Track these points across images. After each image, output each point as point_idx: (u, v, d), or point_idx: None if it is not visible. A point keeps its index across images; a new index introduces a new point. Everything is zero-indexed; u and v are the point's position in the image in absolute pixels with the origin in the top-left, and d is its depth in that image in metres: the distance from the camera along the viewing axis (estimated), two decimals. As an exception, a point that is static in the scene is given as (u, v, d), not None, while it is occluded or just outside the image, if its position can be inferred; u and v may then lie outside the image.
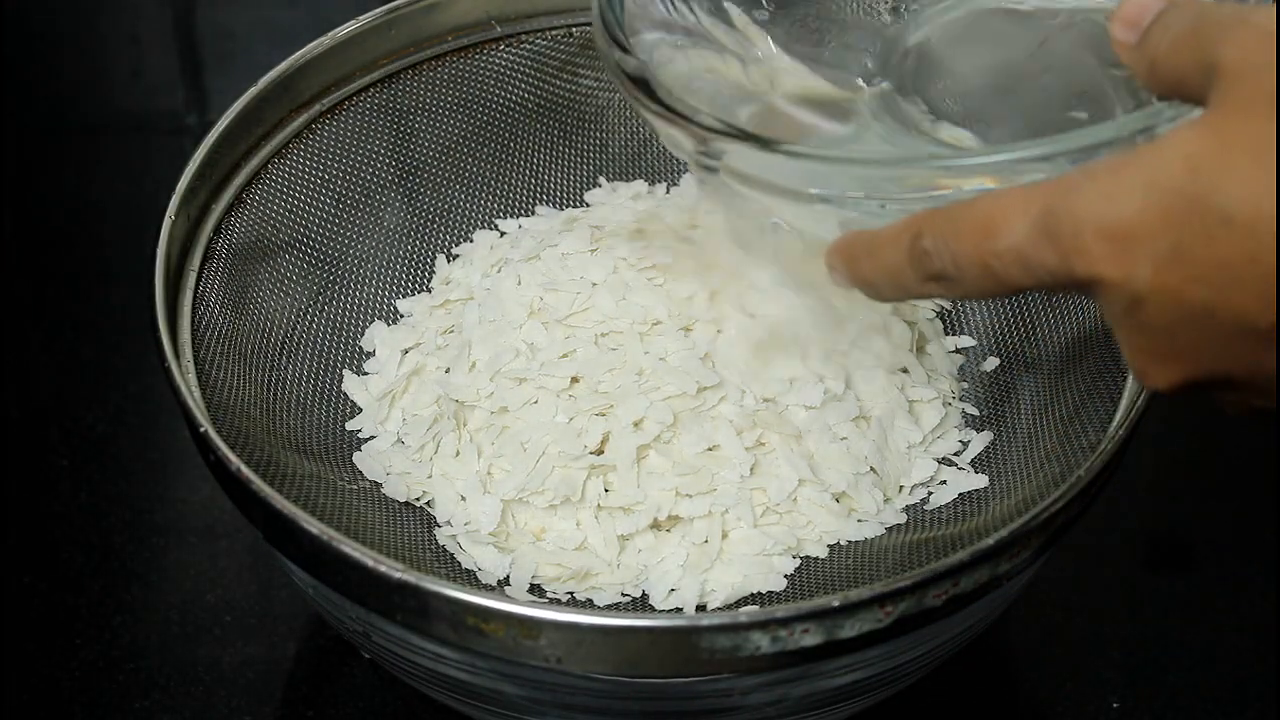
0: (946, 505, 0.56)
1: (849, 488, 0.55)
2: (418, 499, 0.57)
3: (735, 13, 0.51)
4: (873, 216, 0.43)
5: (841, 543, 0.56)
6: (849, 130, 0.49)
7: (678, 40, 0.50)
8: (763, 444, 0.56)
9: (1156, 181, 0.36)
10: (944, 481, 0.57)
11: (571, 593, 0.55)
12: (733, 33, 0.51)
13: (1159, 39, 0.39)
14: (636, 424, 0.55)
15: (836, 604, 0.45)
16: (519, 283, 0.59)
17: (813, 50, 0.52)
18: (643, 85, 0.46)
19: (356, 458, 0.58)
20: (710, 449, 0.55)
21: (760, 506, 0.55)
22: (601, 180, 0.67)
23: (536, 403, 0.56)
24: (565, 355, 0.57)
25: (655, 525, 0.55)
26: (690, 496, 0.54)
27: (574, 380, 0.56)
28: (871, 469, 0.56)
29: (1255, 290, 0.35)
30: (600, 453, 0.55)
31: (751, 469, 0.55)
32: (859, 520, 0.56)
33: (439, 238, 0.65)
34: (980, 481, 0.56)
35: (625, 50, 0.47)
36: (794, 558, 0.55)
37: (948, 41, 0.50)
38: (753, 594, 0.54)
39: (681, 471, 0.55)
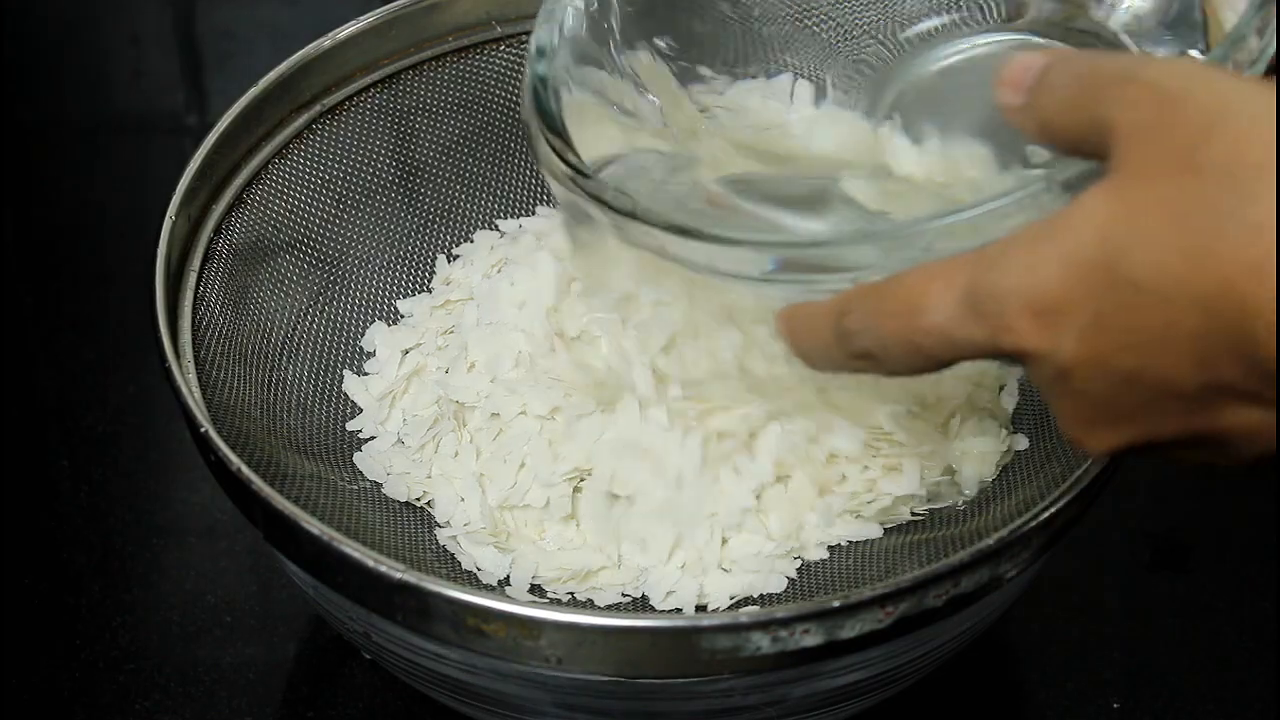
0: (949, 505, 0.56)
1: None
2: (418, 499, 0.57)
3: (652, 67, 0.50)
4: (810, 294, 0.42)
5: (841, 543, 0.56)
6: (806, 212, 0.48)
7: (613, 110, 0.50)
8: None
9: (1072, 253, 0.36)
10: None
11: (572, 593, 0.55)
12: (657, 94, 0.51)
13: (1046, 100, 0.38)
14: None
15: (837, 604, 0.45)
16: (512, 284, 0.59)
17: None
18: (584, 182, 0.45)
19: (357, 458, 0.58)
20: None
21: (761, 515, 0.55)
22: (601, 180, 0.67)
23: (524, 413, 0.56)
24: (551, 373, 0.57)
25: (651, 536, 0.55)
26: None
27: (567, 395, 0.56)
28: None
29: (1176, 354, 0.35)
30: (582, 477, 0.55)
31: (758, 496, 0.55)
32: (858, 518, 0.56)
33: (439, 238, 0.65)
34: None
35: (566, 150, 0.45)
36: (794, 558, 0.55)
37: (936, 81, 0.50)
38: (752, 595, 0.54)
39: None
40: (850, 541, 0.55)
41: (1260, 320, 0.33)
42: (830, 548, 0.56)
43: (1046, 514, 0.47)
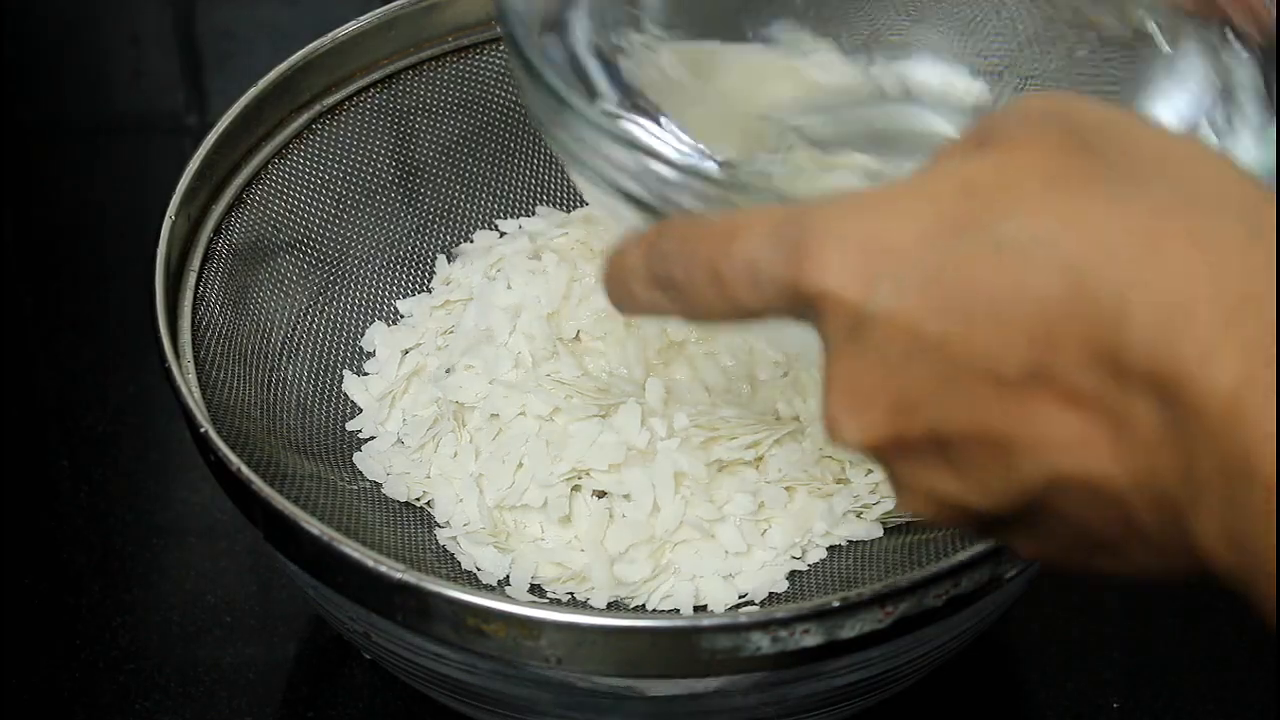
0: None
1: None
2: (418, 499, 0.57)
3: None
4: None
5: (841, 543, 0.56)
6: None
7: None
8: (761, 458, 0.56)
9: (921, 200, 0.31)
10: None
11: (571, 593, 0.55)
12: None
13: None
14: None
15: (837, 604, 0.45)
16: (509, 287, 0.59)
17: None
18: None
19: (356, 458, 0.58)
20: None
21: (761, 519, 0.55)
22: (602, 180, 0.67)
23: (524, 414, 0.56)
24: (551, 374, 0.57)
25: (650, 539, 0.55)
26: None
27: (568, 397, 0.56)
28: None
29: (1012, 325, 0.30)
30: (580, 478, 0.55)
31: (760, 504, 0.55)
32: (859, 518, 0.56)
33: (439, 238, 0.65)
34: None
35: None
36: (794, 558, 0.55)
37: None
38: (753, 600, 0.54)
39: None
40: (850, 541, 0.55)
41: (1140, 303, 0.29)
42: (830, 548, 0.56)
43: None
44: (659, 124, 0.44)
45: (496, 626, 0.45)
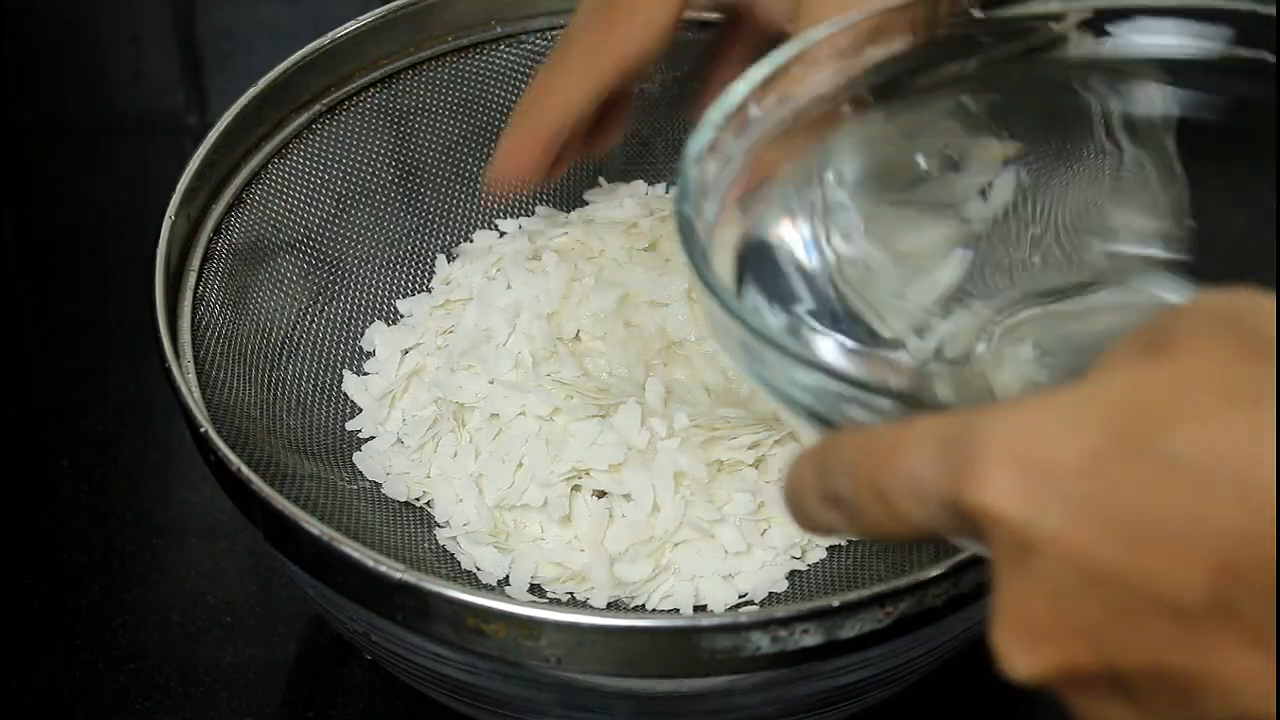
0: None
1: None
2: (418, 499, 0.57)
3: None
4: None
5: (841, 543, 0.56)
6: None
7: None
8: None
9: (1090, 412, 0.29)
10: None
11: (571, 593, 0.55)
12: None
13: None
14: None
15: (836, 604, 0.45)
16: (509, 286, 0.59)
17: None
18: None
19: (356, 458, 0.58)
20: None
21: (761, 519, 0.55)
22: (601, 180, 0.67)
23: (524, 414, 0.56)
24: (551, 374, 0.57)
25: (650, 539, 0.55)
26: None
27: (568, 397, 0.56)
28: None
29: (1191, 553, 0.28)
30: (580, 477, 0.55)
31: (760, 504, 0.55)
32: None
33: (439, 238, 0.65)
34: None
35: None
36: (793, 558, 0.55)
37: None
38: (753, 600, 0.54)
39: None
40: (851, 541, 0.55)
41: None
42: (830, 548, 0.56)
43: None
44: (835, 323, 0.43)
45: (496, 626, 0.45)
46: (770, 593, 0.54)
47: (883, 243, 0.46)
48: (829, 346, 0.43)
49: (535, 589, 0.54)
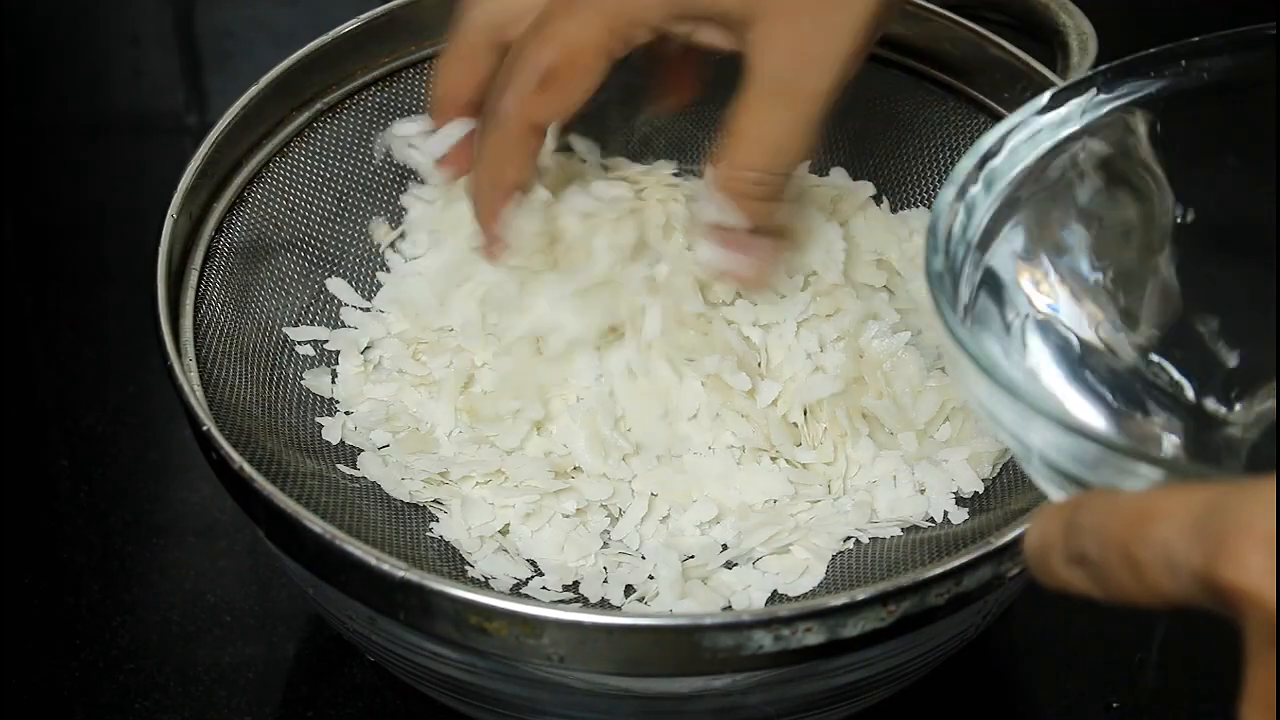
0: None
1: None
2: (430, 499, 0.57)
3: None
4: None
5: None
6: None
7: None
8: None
9: None
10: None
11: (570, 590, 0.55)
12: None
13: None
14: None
15: (839, 603, 0.45)
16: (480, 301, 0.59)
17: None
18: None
19: (359, 456, 0.58)
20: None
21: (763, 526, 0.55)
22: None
23: (503, 419, 0.56)
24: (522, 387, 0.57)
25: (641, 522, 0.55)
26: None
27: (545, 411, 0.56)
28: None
29: None
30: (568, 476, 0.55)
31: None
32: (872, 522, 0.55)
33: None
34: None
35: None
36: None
37: None
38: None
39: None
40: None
41: None
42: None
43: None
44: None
45: (499, 625, 0.45)
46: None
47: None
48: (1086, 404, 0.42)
49: (533, 589, 0.54)
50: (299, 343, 0.59)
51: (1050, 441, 0.36)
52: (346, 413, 0.58)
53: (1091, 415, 0.42)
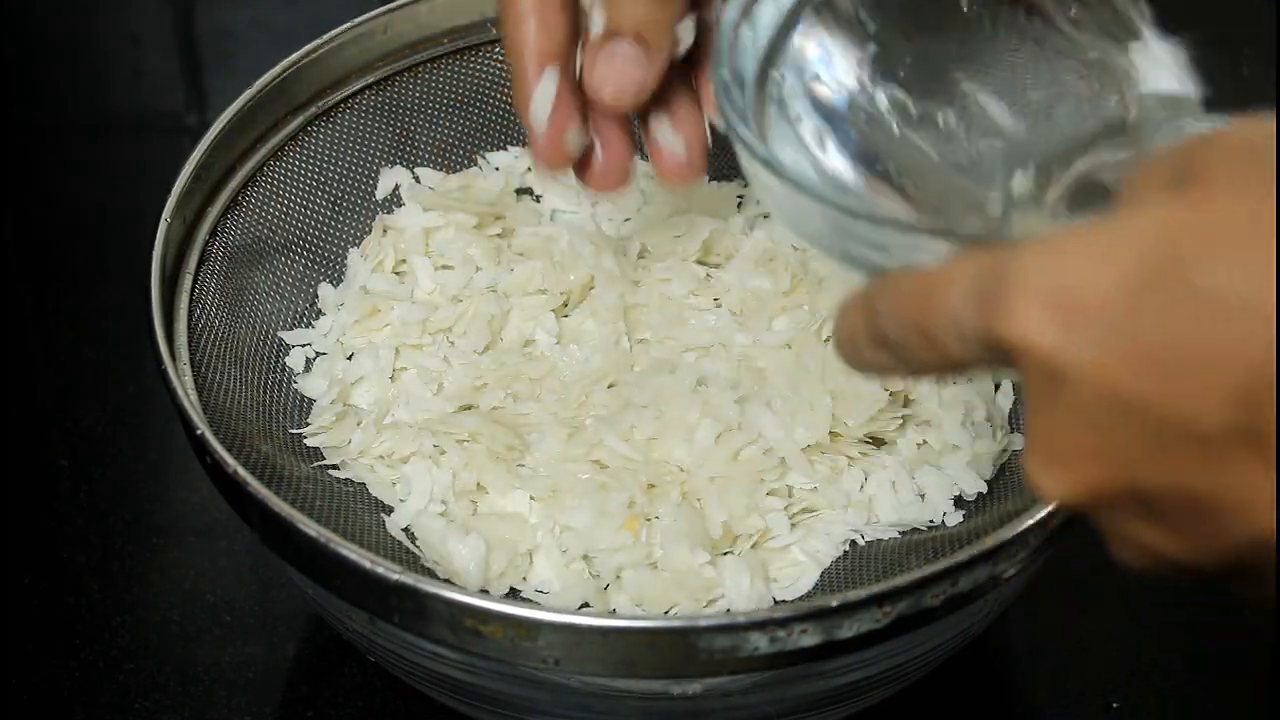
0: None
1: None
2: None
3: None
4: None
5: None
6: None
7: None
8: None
9: (1121, 249, 0.30)
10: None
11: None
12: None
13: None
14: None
15: (835, 604, 0.45)
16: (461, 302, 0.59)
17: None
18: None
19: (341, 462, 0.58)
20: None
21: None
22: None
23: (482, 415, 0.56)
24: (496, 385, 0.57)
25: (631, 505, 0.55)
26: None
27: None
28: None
29: (1209, 385, 0.29)
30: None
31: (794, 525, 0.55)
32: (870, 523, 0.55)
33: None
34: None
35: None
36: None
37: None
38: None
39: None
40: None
41: None
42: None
43: (1044, 513, 0.47)
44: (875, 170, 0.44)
45: (494, 627, 0.45)
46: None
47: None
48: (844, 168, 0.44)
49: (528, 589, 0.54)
50: (293, 346, 0.59)
51: (845, 229, 0.38)
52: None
53: (888, 206, 0.43)
